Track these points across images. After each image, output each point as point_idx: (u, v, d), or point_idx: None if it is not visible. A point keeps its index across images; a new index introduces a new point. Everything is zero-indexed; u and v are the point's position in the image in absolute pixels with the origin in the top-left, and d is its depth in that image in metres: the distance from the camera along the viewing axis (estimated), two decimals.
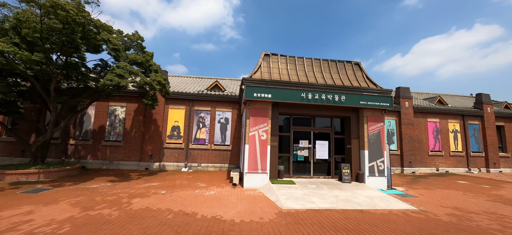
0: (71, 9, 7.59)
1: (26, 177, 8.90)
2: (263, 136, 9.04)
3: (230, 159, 13.36)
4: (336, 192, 7.87)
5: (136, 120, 13.26)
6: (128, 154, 12.88)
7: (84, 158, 12.72)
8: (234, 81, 18.45)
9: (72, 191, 7.34)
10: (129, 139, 13.04)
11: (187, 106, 13.68)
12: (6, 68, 8.00)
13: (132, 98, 13.42)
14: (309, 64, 11.52)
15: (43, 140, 9.65)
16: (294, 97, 9.27)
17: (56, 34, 7.78)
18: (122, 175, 10.73)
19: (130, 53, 10.48)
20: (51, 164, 10.10)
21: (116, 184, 8.60)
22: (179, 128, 13.45)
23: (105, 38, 9.00)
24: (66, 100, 9.73)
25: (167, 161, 13.01)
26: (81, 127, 13.07)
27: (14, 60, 8.00)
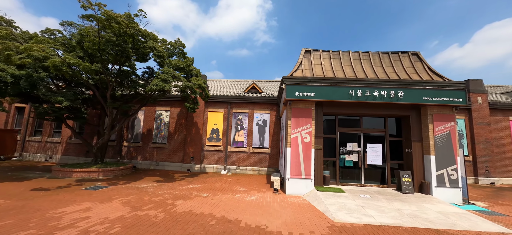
0: (122, 21, 8.19)
1: (88, 174, 9.92)
2: (306, 138, 8.31)
3: (269, 162, 12.89)
4: (397, 205, 6.67)
5: (179, 123, 13.86)
6: (172, 155, 13.51)
7: (135, 158, 13.81)
8: (271, 83, 18.03)
9: (124, 190, 7.81)
10: (173, 141, 13.69)
11: (226, 109, 13.75)
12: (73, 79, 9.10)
13: (175, 102, 14.10)
14: (356, 58, 10.35)
15: (101, 142, 10.69)
16: (340, 95, 8.33)
17: (111, 45, 8.50)
18: (167, 175, 11.21)
19: (173, 59, 10.96)
20: (108, 164, 11.12)
21: (161, 185, 8.92)
22: (218, 130, 13.59)
23: (151, 46, 9.53)
24: (119, 105, 10.63)
25: (207, 163, 13.22)
26: (132, 130, 14.26)
27: (79, 71, 9.00)
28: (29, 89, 8.86)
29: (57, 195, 6.81)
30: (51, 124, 15.46)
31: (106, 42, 8.51)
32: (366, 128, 9.53)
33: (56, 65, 7.72)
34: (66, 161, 14.48)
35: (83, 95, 11.10)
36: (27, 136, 15.76)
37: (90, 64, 8.16)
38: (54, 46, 8.85)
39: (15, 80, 8.53)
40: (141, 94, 11.81)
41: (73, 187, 7.97)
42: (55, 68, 7.85)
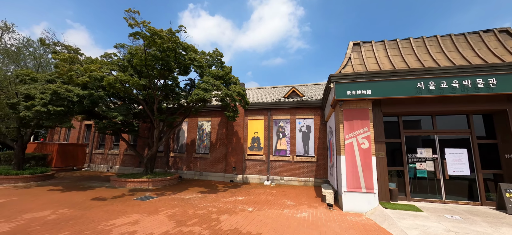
0: (165, 36, 8.45)
1: (140, 184, 10.40)
2: (364, 144, 7.02)
3: (316, 172, 11.66)
4: (508, 231, 4.86)
5: (220, 133, 13.82)
6: (214, 165, 13.47)
7: (181, 169, 14.23)
8: (312, 87, 16.84)
9: (170, 201, 7.77)
10: (215, 151, 13.67)
11: (265, 116, 13.17)
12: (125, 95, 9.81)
13: (215, 112, 14.19)
14: (420, 44, 8.61)
15: (151, 153, 11.21)
16: (404, 90, 6.86)
17: (155, 60, 8.86)
18: (210, 186, 11.06)
19: (212, 69, 10.99)
20: (157, 174, 11.58)
21: (205, 196, 8.68)
22: (258, 139, 13.05)
23: (191, 57, 9.66)
24: (165, 118, 11.05)
25: (249, 173, 12.72)
26: (177, 141, 14.83)
27: (129, 87, 9.63)
28: (91, 107, 9.83)
29: (111, 205, 7.08)
30: (111, 138, 17.29)
31: (151, 57, 8.91)
32: (442, 129, 7.66)
33: (110, 82, 8.32)
34: (123, 171, 15.85)
35: (134, 110, 11.93)
36: (93, 149, 17.94)
37: (138, 79, 8.60)
38: (110, 67, 9.72)
39: (80, 100, 9.55)
40: (184, 106, 12.15)
41: (126, 197, 8.30)
42: (110, 86, 8.47)
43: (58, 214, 6.00)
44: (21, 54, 11.82)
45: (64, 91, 8.68)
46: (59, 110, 8.43)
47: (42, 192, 8.85)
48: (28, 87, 9.25)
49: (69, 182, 11.21)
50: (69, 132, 19.60)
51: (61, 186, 10.13)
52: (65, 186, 10.10)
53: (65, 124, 9.11)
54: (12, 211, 6.17)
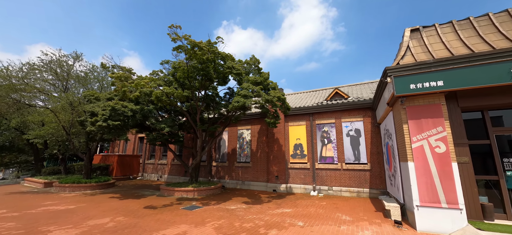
0: (204, 46, 8.62)
1: (186, 193, 10.67)
2: (440, 148, 5.71)
3: (371, 182, 10.25)
4: None
5: (260, 141, 13.49)
6: (256, 174, 13.12)
7: (223, 178, 14.30)
8: (356, 87, 15.34)
9: (216, 211, 7.61)
10: (256, 160, 13.35)
11: (307, 121, 12.35)
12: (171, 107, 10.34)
13: (255, 120, 13.97)
14: (506, 19, 6.85)
15: (195, 162, 11.49)
16: (491, 77, 5.40)
17: (196, 71, 9.09)
18: (253, 196, 10.70)
19: (250, 76, 10.84)
20: (202, 183, 11.77)
21: (250, 207, 8.30)
22: (301, 146, 12.26)
23: (230, 66, 9.66)
24: (207, 127, 11.25)
25: (293, 183, 11.97)
26: (219, 150, 15.04)
27: (174, 99, 10.09)
28: (142, 120, 10.60)
29: (161, 214, 7.25)
30: (160, 149, 18.62)
31: (193, 69, 9.18)
32: None
33: (158, 96, 8.80)
34: (171, 180, 16.76)
35: (179, 122, 12.50)
36: (146, 159, 19.58)
37: (182, 91, 8.92)
38: (157, 82, 10.41)
39: (133, 114, 10.39)
40: (224, 115, 12.24)
41: (174, 206, 8.49)
42: (158, 99, 8.96)
43: (116, 222, 6.33)
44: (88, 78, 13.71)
45: (120, 107, 9.54)
46: (116, 124, 9.27)
47: (104, 199, 9.74)
48: (92, 105, 10.48)
49: (126, 190, 12.21)
50: (126, 144, 21.91)
51: (119, 194, 11.06)
52: (122, 194, 10.99)
53: (122, 136, 10.00)
54: (79, 217, 6.78)
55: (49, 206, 8.13)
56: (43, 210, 7.54)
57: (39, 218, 6.57)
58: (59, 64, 12.62)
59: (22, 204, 8.44)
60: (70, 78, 13.24)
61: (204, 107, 11.75)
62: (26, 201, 9.04)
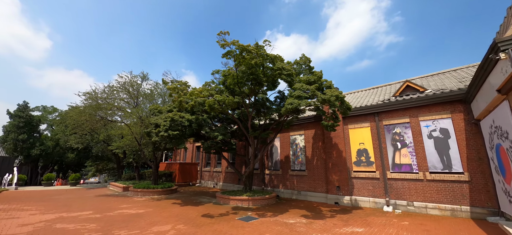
0: (252, 49, 8.30)
1: (241, 202, 10.40)
2: None
3: (472, 198, 7.79)
4: None
5: (316, 147, 12.30)
6: (313, 184, 11.93)
7: (277, 187, 13.59)
8: (432, 78, 12.49)
9: (273, 225, 6.95)
10: (312, 167, 12.19)
11: (372, 122, 10.56)
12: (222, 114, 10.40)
13: (308, 124, 12.89)
14: None
15: (248, 171, 11.20)
16: None
17: (246, 76, 8.83)
18: (312, 209, 9.60)
19: (301, 76, 10.01)
20: (256, 192, 11.37)
21: (311, 223, 7.31)
22: (366, 151, 10.52)
23: (280, 67, 9.07)
24: (259, 134, 10.86)
25: (359, 195, 10.29)
26: (271, 158, 14.48)
27: (225, 106, 10.10)
28: (198, 130, 11.00)
29: (218, 224, 7.04)
30: (215, 157, 19.37)
31: (242, 74, 8.98)
32: None
33: (210, 104, 8.90)
34: (226, 187, 17.07)
35: (231, 129, 12.56)
36: (202, 167, 20.68)
37: (232, 97, 8.78)
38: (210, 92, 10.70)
39: (189, 124, 10.88)
40: (276, 121, 11.67)
41: (230, 216, 8.24)
42: (210, 108, 9.07)
43: (176, 230, 6.38)
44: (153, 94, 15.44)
45: (178, 118, 10.10)
46: (175, 133, 9.82)
47: (167, 205, 10.36)
48: (156, 118, 11.48)
49: (186, 197, 12.87)
50: (185, 153, 23.80)
51: (180, 200, 11.67)
52: (183, 201, 11.55)
53: (181, 145, 10.57)
54: (145, 222, 7.17)
55: (124, 209, 9.04)
56: (118, 213, 8.38)
57: (115, 221, 7.23)
58: (131, 84, 14.64)
59: (105, 206, 9.67)
60: (139, 95, 15.15)
61: (255, 114, 11.45)
62: (108, 204, 10.37)
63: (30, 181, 26.26)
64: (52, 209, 8.85)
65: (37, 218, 7.28)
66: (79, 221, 7.11)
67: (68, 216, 7.77)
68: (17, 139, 23.37)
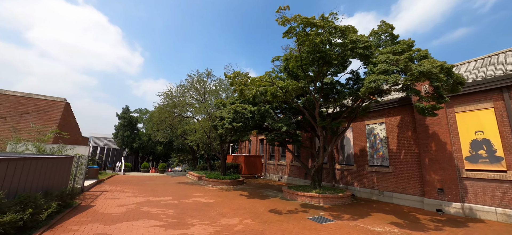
0: (318, 23, 7.04)
1: (310, 199, 9.40)
2: None
3: None
4: None
5: (403, 138, 9.86)
6: (401, 183, 9.63)
7: (351, 184, 11.80)
8: None
9: (354, 231, 5.69)
10: (398, 163, 9.85)
11: (499, 102, 7.45)
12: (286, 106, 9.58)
13: (391, 110, 10.48)
14: None
15: (317, 164, 10.03)
16: None
17: (311, 55, 7.65)
18: (403, 214, 7.62)
19: (382, 49, 7.98)
20: (326, 189, 10.10)
21: (407, 234, 5.62)
22: (488, 142, 7.54)
23: (353, 40, 7.43)
24: (328, 123, 9.50)
25: (477, 202, 7.51)
26: (343, 151, 12.70)
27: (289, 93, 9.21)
28: (261, 121, 10.59)
29: (287, 223, 6.33)
30: (278, 150, 18.87)
31: (306, 54, 7.85)
32: None
33: (272, 92, 8.22)
34: (291, 182, 16.31)
35: (296, 119, 11.59)
36: (266, 160, 20.59)
37: (296, 82, 7.82)
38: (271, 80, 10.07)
39: (252, 115, 10.59)
40: (347, 107, 9.96)
41: (300, 214, 7.42)
42: (273, 96, 8.39)
43: (244, 225, 6.04)
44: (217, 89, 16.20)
45: (241, 109, 9.93)
46: (239, 125, 9.69)
47: (235, 196, 10.46)
48: (221, 111, 11.77)
49: (252, 189, 12.83)
50: (250, 146, 24.38)
51: (247, 192, 11.66)
52: (249, 193, 11.49)
53: (245, 137, 10.44)
54: (215, 213, 7.21)
55: (197, 198, 9.59)
56: (192, 201, 8.90)
57: (189, 208, 7.60)
58: (198, 81, 15.78)
59: (182, 193, 10.59)
60: (205, 92, 16.17)
61: (322, 100, 10.09)
62: (184, 191, 11.37)
63: (134, 168, 33.01)
64: (143, 193, 10.29)
65: (131, 200, 8.50)
66: (161, 206, 7.83)
67: (153, 200, 8.76)
68: (123, 135, 29.65)
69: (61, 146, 8.03)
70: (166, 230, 5.35)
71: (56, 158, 6.10)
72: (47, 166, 5.74)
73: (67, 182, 6.83)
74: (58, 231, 4.78)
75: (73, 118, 13.65)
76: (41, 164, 5.47)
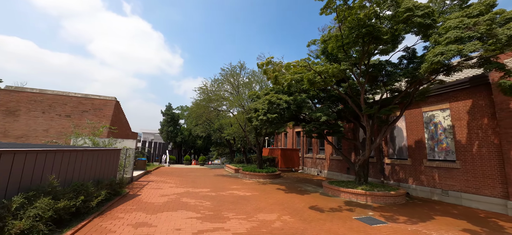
0: None
1: (355, 197, 8.45)
2: None
3: None
4: None
5: (475, 126, 8.02)
6: (473, 182, 7.89)
7: (404, 181, 10.28)
8: None
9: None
10: (470, 157, 8.08)
11: None
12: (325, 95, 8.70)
13: (457, 93, 8.64)
14: None
15: (362, 158, 8.95)
16: None
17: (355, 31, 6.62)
18: (480, 220, 6.16)
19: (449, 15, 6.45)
20: (375, 186, 8.95)
21: None
22: None
23: (408, 7, 6.14)
24: (376, 111, 8.29)
25: None
26: (393, 143, 11.15)
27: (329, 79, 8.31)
28: (297, 112, 9.91)
29: (331, 222, 5.67)
30: (317, 142, 17.80)
31: (349, 32, 6.83)
32: None
33: (309, 79, 7.49)
34: (332, 177, 15.21)
35: (337, 108, 10.54)
36: (304, 153, 19.70)
37: (338, 65, 6.91)
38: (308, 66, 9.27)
39: (288, 106, 9.98)
40: (400, 92, 8.53)
41: (344, 213, 6.64)
42: (310, 83, 7.66)
43: (282, 222, 5.61)
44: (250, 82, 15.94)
45: (276, 99, 9.41)
46: (274, 117, 9.22)
47: (272, 190, 10.10)
48: (255, 103, 11.45)
49: (290, 183, 12.30)
50: (286, 139, 23.73)
51: (284, 186, 11.19)
52: (287, 187, 11.00)
53: (281, 129, 9.94)
54: (252, 207, 6.95)
55: (234, 191, 9.53)
56: (229, 193, 8.84)
57: (225, 201, 7.51)
58: (231, 74, 15.78)
59: (219, 185, 10.70)
60: (239, 85, 16.08)
61: (369, 85, 8.87)
62: (222, 183, 11.50)
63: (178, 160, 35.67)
64: (184, 184, 10.73)
65: (172, 190, 8.87)
66: (199, 197, 7.93)
67: (192, 191, 9.00)
68: (167, 130, 32.12)
69: (111, 139, 8.83)
70: (203, 223, 5.26)
71: (105, 150, 6.62)
72: (97, 157, 6.24)
73: (116, 172, 7.42)
74: (107, 218, 5.10)
75: (123, 115, 15.12)
76: (92, 155, 5.95)
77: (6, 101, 10.60)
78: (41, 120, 10.88)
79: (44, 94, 11.22)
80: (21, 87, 11.28)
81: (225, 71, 16.00)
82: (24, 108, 10.77)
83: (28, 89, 11.18)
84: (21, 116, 10.64)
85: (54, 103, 11.23)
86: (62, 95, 11.44)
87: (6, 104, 10.56)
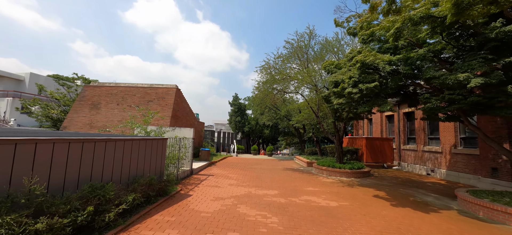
0: None
1: None
2: None
3: None
4: None
5: None
6: None
7: None
8: None
9: None
10: None
11: None
12: (466, 46, 4.59)
13: None
14: None
15: None
16: None
17: None
18: None
19: None
20: None
21: None
22: None
23: None
24: None
25: None
26: None
27: None
28: (410, 76, 6.08)
29: None
30: (424, 131, 12.60)
31: None
32: None
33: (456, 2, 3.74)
34: (454, 179, 10.14)
35: (503, 60, 5.83)
36: (401, 144, 14.63)
37: None
38: None
39: (392, 71, 6.30)
40: None
41: None
42: (457, 8, 3.89)
43: None
44: (323, 53, 12.44)
45: (372, 59, 5.94)
46: (372, 87, 5.83)
47: (367, 197, 6.83)
48: (334, 76, 8.21)
49: (389, 187, 8.51)
50: (370, 126, 18.79)
51: (384, 192, 7.62)
52: (389, 194, 7.40)
53: (383, 106, 6.32)
54: (343, 227, 4.11)
55: (311, 196, 6.86)
56: (305, 201, 6.24)
57: (301, 218, 4.98)
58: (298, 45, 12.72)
59: (290, 186, 8.26)
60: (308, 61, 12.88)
61: None
62: (293, 182, 9.01)
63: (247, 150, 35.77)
64: (247, 181, 8.88)
65: (231, 191, 7.05)
66: (262, 205, 5.72)
67: (255, 193, 6.92)
68: (235, 120, 32.29)
69: (159, 128, 7.82)
70: None
71: (142, 139, 5.23)
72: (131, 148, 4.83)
73: (162, 167, 6.11)
74: None
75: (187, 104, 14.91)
76: (120, 146, 4.52)
77: (92, 96, 11.74)
78: (116, 111, 11.53)
79: (118, 87, 11.86)
80: (101, 82, 12.35)
81: (291, 43, 13.10)
82: (103, 101, 11.68)
83: (106, 84, 12.12)
84: (102, 108, 11.57)
85: (126, 95, 11.71)
86: (131, 87, 11.82)
87: (91, 99, 11.70)
